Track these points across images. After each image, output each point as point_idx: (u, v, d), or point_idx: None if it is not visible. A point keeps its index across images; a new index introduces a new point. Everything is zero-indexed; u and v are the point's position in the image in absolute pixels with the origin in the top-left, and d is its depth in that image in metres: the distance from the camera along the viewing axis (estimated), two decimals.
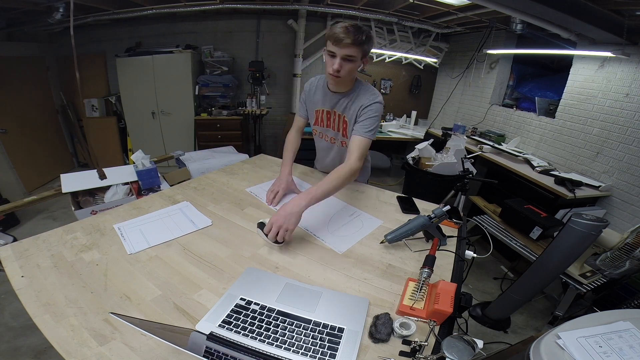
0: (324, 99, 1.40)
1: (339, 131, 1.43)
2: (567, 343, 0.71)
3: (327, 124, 1.45)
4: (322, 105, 1.41)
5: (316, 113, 1.46)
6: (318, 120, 1.47)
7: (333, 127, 1.44)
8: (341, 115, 1.37)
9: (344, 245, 1.08)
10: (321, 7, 3.44)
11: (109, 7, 3.16)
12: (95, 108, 4.14)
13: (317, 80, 1.44)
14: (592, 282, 1.76)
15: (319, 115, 1.46)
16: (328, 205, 1.33)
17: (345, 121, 1.36)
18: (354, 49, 1.12)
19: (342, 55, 1.13)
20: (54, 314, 0.73)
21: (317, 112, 1.46)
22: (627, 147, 2.34)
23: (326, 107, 1.40)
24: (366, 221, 1.24)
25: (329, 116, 1.42)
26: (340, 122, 1.39)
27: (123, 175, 1.98)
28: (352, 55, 1.14)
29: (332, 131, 1.46)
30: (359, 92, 1.31)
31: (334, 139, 1.48)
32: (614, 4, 1.97)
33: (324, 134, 1.51)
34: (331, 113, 1.40)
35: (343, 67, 1.16)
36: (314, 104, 1.45)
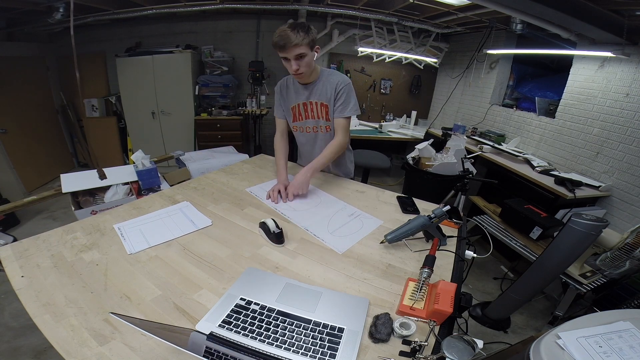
0: (296, 94, 1.49)
1: (320, 118, 1.51)
2: (567, 343, 0.71)
3: (305, 115, 1.53)
4: (297, 99, 1.50)
5: (292, 110, 1.54)
6: (296, 116, 1.55)
7: (312, 116, 1.52)
8: (318, 102, 1.47)
9: (343, 245, 1.08)
10: (321, 7, 3.44)
11: (109, 7, 3.16)
12: (95, 108, 4.14)
13: (286, 80, 1.53)
14: (592, 282, 1.76)
15: (295, 111, 1.53)
16: (328, 205, 1.34)
17: (325, 105, 1.46)
18: (299, 47, 1.23)
19: (293, 57, 1.25)
20: (54, 314, 0.73)
21: (293, 109, 1.53)
22: (627, 147, 2.34)
23: (301, 100, 1.49)
24: (366, 221, 1.24)
25: (306, 107, 1.50)
26: (319, 108, 1.48)
27: (123, 175, 1.98)
28: (301, 53, 1.25)
29: (312, 120, 1.53)
30: (327, 76, 1.44)
31: (316, 128, 1.55)
32: (614, 4, 1.97)
33: (304, 127, 1.57)
34: (307, 104, 1.49)
35: (300, 65, 1.28)
36: (289, 101, 1.53)
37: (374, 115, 4.71)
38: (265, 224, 1.08)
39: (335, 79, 1.42)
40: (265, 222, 1.08)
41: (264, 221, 1.09)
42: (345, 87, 1.41)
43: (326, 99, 1.44)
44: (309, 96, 1.46)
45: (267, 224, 1.07)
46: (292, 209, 1.29)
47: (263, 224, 1.09)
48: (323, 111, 1.48)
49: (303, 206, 1.33)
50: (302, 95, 1.47)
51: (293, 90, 1.49)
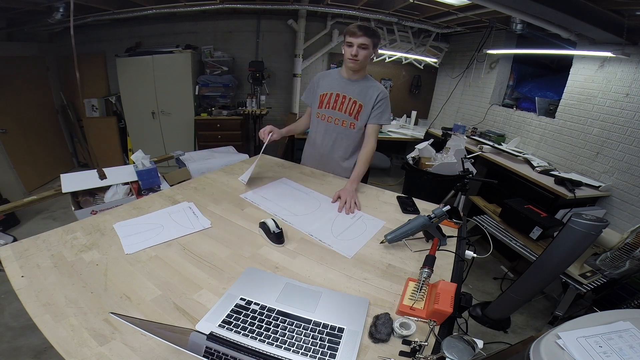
0: (333, 83, 1.57)
1: (350, 114, 1.56)
2: (567, 343, 0.71)
3: (333, 106, 1.58)
4: (331, 89, 1.57)
5: (321, 97, 1.59)
6: (323, 103, 1.59)
7: (342, 109, 1.57)
8: (352, 99, 1.54)
9: (351, 249, 1.06)
10: (321, 7, 3.44)
11: (109, 7, 3.16)
12: (95, 108, 4.14)
13: (328, 72, 1.63)
14: (592, 282, 1.76)
15: (324, 99, 1.58)
16: (328, 209, 1.33)
17: (361, 104, 1.54)
18: (366, 38, 1.38)
19: (357, 44, 1.39)
20: (54, 314, 0.73)
21: (323, 96, 1.58)
22: (627, 147, 2.34)
23: (336, 90, 1.56)
24: (369, 222, 1.24)
25: (338, 98, 1.56)
26: (352, 105, 1.55)
27: (123, 175, 1.97)
28: (365, 44, 1.39)
29: (341, 113, 1.58)
30: (370, 82, 1.54)
31: (345, 122, 1.59)
32: (614, 4, 1.97)
33: (328, 115, 1.61)
34: (340, 96, 1.55)
35: (359, 53, 1.41)
36: (321, 88, 1.60)
37: None
38: (265, 224, 1.08)
39: (379, 87, 1.53)
40: (265, 222, 1.08)
41: (264, 221, 1.09)
42: (386, 98, 1.53)
43: (364, 100, 1.53)
44: (346, 90, 1.54)
45: (267, 224, 1.07)
46: (293, 214, 1.26)
47: (263, 224, 1.09)
48: (355, 109, 1.55)
49: (303, 210, 1.31)
50: (339, 87, 1.55)
51: (332, 80, 1.58)
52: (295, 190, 1.49)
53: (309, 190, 1.48)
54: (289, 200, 1.38)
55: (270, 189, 1.48)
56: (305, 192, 1.47)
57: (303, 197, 1.42)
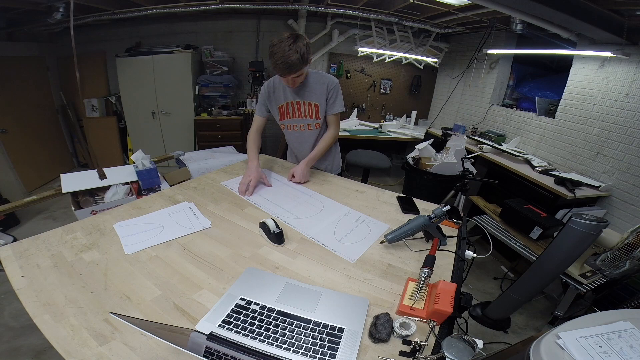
0: (285, 93, 1.55)
1: (309, 117, 1.59)
2: (567, 343, 0.70)
3: (292, 114, 1.60)
4: (285, 99, 1.56)
5: (280, 109, 1.60)
6: (284, 114, 1.61)
7: (300, 115, 1.59)
8: (307, 103, 1.54)
9: (354, 254, 1.05)
10: (321, 7, 3.44)
11: (109, 7, 3.15)
12: (95, 108, 4.14)
13: (273, 81, 1.58)
14: (592, 282, 1.76)
15: (283, 110, 1.59)
16: (331, 211, 1.32)
17: (316, 104, 1.55)
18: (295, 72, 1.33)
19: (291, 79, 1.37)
20: (54, 314, 0.73)
21: (281, 107, 1.59)
22: (627, 147, 2.34)
23: (290, 99, 1.56)
24: (373, 226, 1.22)
25: (293, 106, 1.57)
26: (308, 108, 1.56)
27: (123, 175, 1.97)
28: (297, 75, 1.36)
29: (300, 119, 1.60)
30: (315, 77, 1.51)
31: (303, 126, 1.63)
32: (614, 4, 1.97)
33: (291, 125, 1.64)
34: (295, 103, 1.56)
35: (295, 81, 1.41)
36: (276, 101, 1.59)
37: (374, 115, 4.71)
38: (265, 224, 1.08)
39: (325, 80, 1.51)
40: (265, 222, 1.08)
41: (264, 221, 1.09)
42: (335, 86, 1.52)
43: (316, 99, 1.53)
44: (297, 96, 1.54)
45: (267, 224, 1.07)
46: (295, 216, 1.25)
47: (263, 224, 1.09)
48: (313, 110, 1.56)
49: (306, 213, 1.29)
50: (291, 95, 1.54)
51: (281, 90, 1.55)
52: (297, 191, 1.49)
53: (312, 192, 1.47)
54: (291, 202, 1.37)
55: (271, 190, 1.48)
56: (308, 194, 1.46)
57: (306, 199, 1.41)
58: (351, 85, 4.49)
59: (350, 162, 2.59)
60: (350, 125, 4.23)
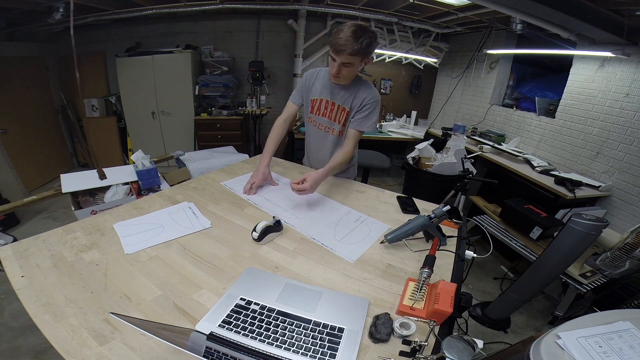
0: (323, 89, 1.47)
1: (336, 121, 1.50)
2: (567, 343, 0.70)
3: (322, 112, 1.51)
4: (321, 94, 1.48)
5: (312, 102, 1.52)
6: (314, 108, 1.53)
7: (329, 116, 1.50)
8: (341, 106, 1.45)
9: (354, 254, 1.05)
10: (321, 7, 3.44)
11: (109, 7, 3.16)
12: (95, 108, 4.14)
13: (318, 71, 1.50)
14: (592, 282, 1.76)
15: (315, 104, 1.52)
16: (331, 211, 1.32)
17: (347, 112, 1.45)
18: (351, 57, 1.21)
19: (340, 62, 1.23)
20: (54, 314, 0.73)
21: (314, 101, 1.51)
22: (627, 147, 2.34)
23: (325, 97, 1.47)
24: (373, 226, 1.22)
25: (327, 105, 1.48)
26: (339, 112, 1.47)
27: (123, 175, 1.97)
28: (350, 63, 1.23)
29: (327, 120, 1.52)
30: (359, 87, 1.41)
31: (328, 128, 1.54)
32: (614, 4, 1.97)
33: (318, 122, 1.56)
34: (329, 103, 1.47)
35: (342, 71, 1.27)
36: (312, 93, 1.51)
37: None
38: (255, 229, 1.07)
39: (368, 91, 1.41)
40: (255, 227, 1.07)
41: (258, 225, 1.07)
42: (373, 102, 1.40)
43: (350, 106, 1.43)
44: (334, 96, 1.44)
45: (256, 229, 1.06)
46: (295, 217, 1.25)
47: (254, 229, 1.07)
48: (342, 116, 1.47)
49: (306, 212, 1.29)
50: (329, 92, 1.45)
51: (322, 83, 1.46)
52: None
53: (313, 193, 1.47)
54: (291, 202, 1.37)
55: (272, 190, 1.48)
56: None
57: (306, 198, 1.41)
58: None
59: None
60: None
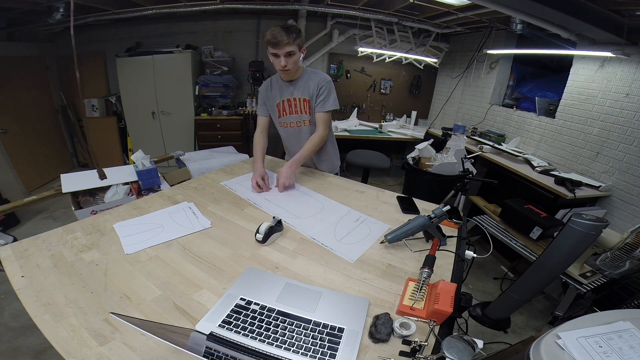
0: (281, 91, 1.59)
1: (303, 112, 1.61)
2: (567, 343, 0.70)
3: (289, 111, 1.62)
4: (281, 96, 1.59)
5: (277, 106, 1.62)
6: (280, 112, 1.63)
7: (295, 111, 1.61)
8: (301, 98, 1.57)
9: (354, 254, 1.05)
10: (321, 7, 3.44)
11: (109, 7, 3.15)
12: (95, 108, 4.14)
13: (270, 80, 1.63)
14: (592, 282, 1.76)
15: (280, 107, 1.62)
16: (331, 211, 1.32)
17: (307, 100, 1.57)
18: (291, 46, 1.35)
19: (283, 54, 1.36)
20: (54, 314, 0.73)
21: (278, 105, 1.61)
22: (627, 147, 2.34)
23: (285, 97, 1.59)
24: (373, 226, 1.22)
25: (290, 103, 1.60)
26: (302, 103, 1.58)
27: (123, 175, 1.97)
28: (291, 51, 1.37)
29: (295, 115, 1.62)
30: (309, 75, 1.55)
31: (299, 122, 1.64)
32: (614, 4, 1.97)
33: (287, 122, 1.66)
34: (291, 100, 1.59)
35: (288, 62, 1.39)
36: (273, 99, 1.62)
37: (374, 115, 4.71)
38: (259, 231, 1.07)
39: (317, 77, 1.54)
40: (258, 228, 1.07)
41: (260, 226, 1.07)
42: (326, 84, 1.53)
43: (309, 94, 1.55)
44: (292, 92, 1.56)
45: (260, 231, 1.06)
46: (295, 217, 1.25)
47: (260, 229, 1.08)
48: (306, 106, 1.59)
49: (306, 213, 1.29)
50: (286, 92, 1.57)
51: (277, 88, 1.59)
52: (297, 191, 1.49)
53: (312, 192, 1.48)
54: (291, 202, 1.37)
55: (272, 190, 1.48)
56: (308, 194, 1.47)
57: (306, 199, 1.41)
58: (351, 85, 4.49)
59: (350, 162, 2.59)
60: (350, 125, 4.23)
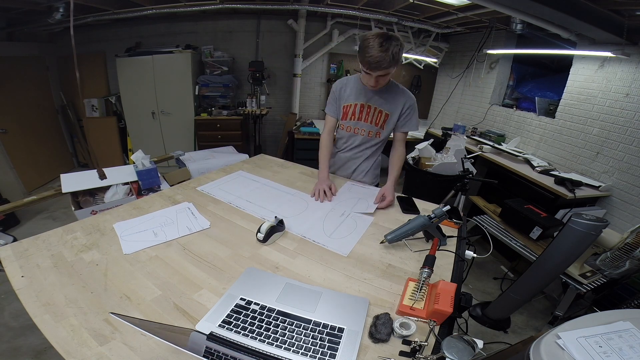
0: (358, 94, 1.47)
1: (376, 125, 1.50)
2: (567, 343, 0.70)
3: (358, 117, 1.50)
4: (356, 99, 1.48)
5: (345, 108, 1.52)
6: (348, 114, 1.52)
7: (369, 120, 1.49)
8: (378, 109, 1.46)
9: (346, 247, 1.07)
10: (321, 7, 3.44)
11: (109, 7, 3.15)
12: (95, 108, 4.14)
13: (347, 80, 1.52)
14: (592, 282, 1.76)
15: (348, 110, 1.51)
16: (316, 208, 1.32)
17: (387, 114, 1.46)
18: (389, 69, 1.24)
19: (376, 76, 1.26)
20: (54, 314, 0.73)
21: (347, 107, 1.51)
22: (627, 147, 2.34)
23: (360, 101, 1.47)
24: (359, 219, 1.25)
25: (363, 109, 1.48)
26: (378, 114, 1.47)
27: (123, 175, 1.97)
28: (384, 75, 1.26)
29: (367, 124, 1.51)
30: (395, 89, 1.44)
31: (371, 132, 1.53)
32: (614, 4, 1.97)
33: (353, 127, 1.54)
34: (365, 106, 1.47)
35: (379, 82, 1.30)
36: (344, 99, 1.51)
37: None
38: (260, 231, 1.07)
39: (405, 94, 1.44)
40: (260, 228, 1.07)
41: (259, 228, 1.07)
42: (413, 104, 1.45)
43: (390, 109, 1.45)
44: (371, 99, 1.45)
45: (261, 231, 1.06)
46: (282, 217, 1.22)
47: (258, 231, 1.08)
48: (381, 118, 1.48)
49: (291, 212, 1.28)
50: (364, 97, 1.46)
51: (355, 90, 1.48)
52: (279, 191, 1.47)
53: (295, 191, 1.47)
54: (275, 202, 1.35)
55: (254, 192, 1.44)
56: (291, 193, 1.45)
57: (289, 198, 1.40)
58: None
59: None
60: None
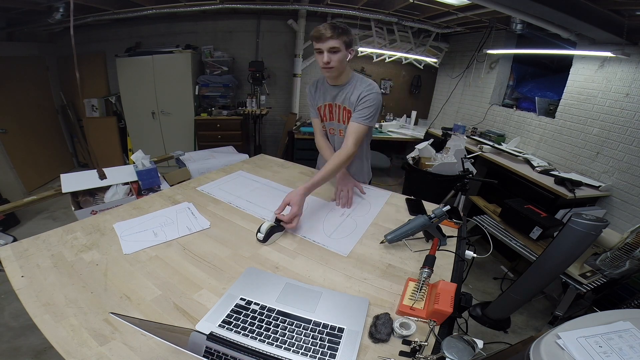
0: (325, 94, 1.47)
1: (342, 122, 1.48)
2: (567, 343, 0.70)
3: (330, 117, 1.51)
4: (324, 100, 1.48)
5: (319, 110, 1.53)
6: (322, 116, 1.54)
7: (337, 119, 1.49)
8: (341, 106, 1.44)
9: (346, 247, 1.07)
10: (321, 7, 3.44)
11: (109, 7, 3.15)
12: (95, 108, 4.14)
13: (317, 80, 1.52)
14: (592, 282, 1.76)
15: (321, 111, 1.52)
16: (316, 208, 1.32)
17: (348, 110, 1.42)
18: (335, 41, 1.23)
19: (327, 49, 1.24)
20: (54, 314, 0.73)
21: (320, 108, 1.52)
22: (627, 147, 2.34)
23: (328, 101, 1.47)
24: (359, 219, 1.25)
25: (331, 109, 1.48)
26: (342, 112, 1.46)
27: (123, 175, 1.97)
28: (335, 47, 1.24)
29: (337, 123, 1.51)
30: (356, 83, 1.39)
31: (341, 131, 1.51)
32: (614, 4, 1.97)
33: (332, 127, 1.55)
34: (333, 106, 1.47)
35: (332, 58, 1.26)
36: (317, 101, 1.52)
37: None
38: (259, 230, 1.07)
39: (364, 85, 1.35)
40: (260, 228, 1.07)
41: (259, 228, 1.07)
42: (369, 95, 1.32)
43: (350, 104, 1.39)
44: (334, 98, 1.43)
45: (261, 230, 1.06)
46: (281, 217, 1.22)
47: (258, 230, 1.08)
48: (346, 116, 1.44)
49: None
50: (329, 96, 1.45)
51: (322, 90, 1.48)
52: (278, 191, 1.46)
53: None
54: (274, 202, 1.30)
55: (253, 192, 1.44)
56: None
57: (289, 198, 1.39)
58: None
59: None
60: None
